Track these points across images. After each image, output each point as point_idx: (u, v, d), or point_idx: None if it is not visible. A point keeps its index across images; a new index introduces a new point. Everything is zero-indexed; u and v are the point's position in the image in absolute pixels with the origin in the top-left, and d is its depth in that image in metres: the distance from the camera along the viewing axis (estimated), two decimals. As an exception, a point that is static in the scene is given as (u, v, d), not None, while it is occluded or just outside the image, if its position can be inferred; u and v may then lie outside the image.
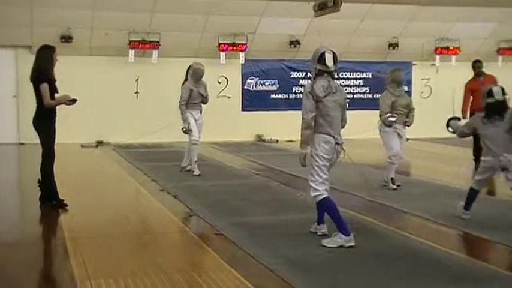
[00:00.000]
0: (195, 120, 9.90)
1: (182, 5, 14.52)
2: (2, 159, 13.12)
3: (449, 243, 5.95)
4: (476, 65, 11.44)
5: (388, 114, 8.61)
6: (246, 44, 15.85)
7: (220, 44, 15.69)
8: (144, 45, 15.18)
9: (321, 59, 5.70)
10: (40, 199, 7.47)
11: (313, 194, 5.74)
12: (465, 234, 6.36)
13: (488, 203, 8.08)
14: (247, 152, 13.26)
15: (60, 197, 7.36)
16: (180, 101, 9.82)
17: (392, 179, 8.79)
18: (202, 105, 10.07)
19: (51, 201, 7.36)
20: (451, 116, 7.62)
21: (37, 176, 7.48)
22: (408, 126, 9.05)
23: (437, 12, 15.82)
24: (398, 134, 8.89)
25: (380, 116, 8.77)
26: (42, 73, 7.20)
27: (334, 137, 5.68)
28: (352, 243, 5.58)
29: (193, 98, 9.79)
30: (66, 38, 14.48)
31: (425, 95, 18.00)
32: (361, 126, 17.00)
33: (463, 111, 11.45)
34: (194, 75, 9.78)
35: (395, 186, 8.75)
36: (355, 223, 6.74)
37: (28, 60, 7.92)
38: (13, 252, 5.61)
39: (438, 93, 17.86)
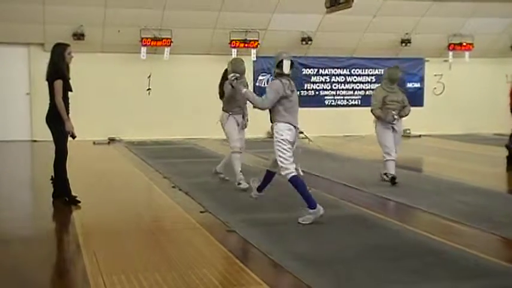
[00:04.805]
0: (238, 124, 8.75)
1: (194, 2, 14.54)
2: (16, 156, 13.22)
3: (461, 240, 5.91)
4: None
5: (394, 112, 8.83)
6: (257, 40, 15.86)
7: (232, 40, 15.70)
8: (156, 42, 15.22)
9: (279, 65, 6.61)
10: (53, 195, 7.52)
11: (284, 172, 6.54)
12: (477, 230, 6.32)
13: (502, 200, 8.06)
14: (258, 148, 13.21)
15: (73, 193, 7.40)
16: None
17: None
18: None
19: (64, 197, 7.41)
20: None
21: (50, 172, 7.53)
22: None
23: (450, 7, 15.72)
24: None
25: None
26: (57, 71, 7.26)
27: (295, 126, 6.63)
28: (322, 212, 6.37)
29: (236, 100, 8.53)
30: (79, 36, 14.55)
31: (438, 92, 17.90)
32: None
33: None
34: (233, 67, 8.21)
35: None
36: (366, 219, 6.75)
37: (41, 58, 7.97)
38: (26, 248, 5.65)
39: (451, 89, 17.77)
